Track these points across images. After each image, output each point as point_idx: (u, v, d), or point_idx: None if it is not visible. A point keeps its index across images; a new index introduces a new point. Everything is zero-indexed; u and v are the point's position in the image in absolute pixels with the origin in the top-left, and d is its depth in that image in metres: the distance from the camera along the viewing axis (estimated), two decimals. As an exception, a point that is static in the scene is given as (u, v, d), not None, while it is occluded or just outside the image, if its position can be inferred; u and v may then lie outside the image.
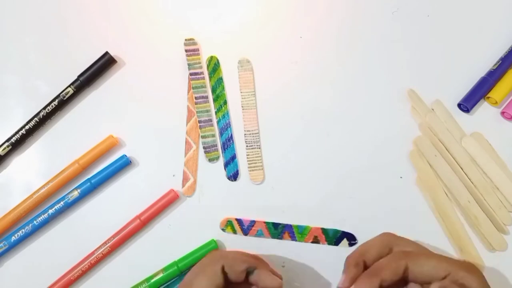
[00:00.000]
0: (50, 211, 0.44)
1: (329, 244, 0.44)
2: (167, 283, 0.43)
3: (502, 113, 0.46)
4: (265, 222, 0.44)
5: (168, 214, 0.45)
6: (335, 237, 0.44)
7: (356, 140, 0.46)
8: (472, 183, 0.44)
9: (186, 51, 0.47)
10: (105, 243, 0.43)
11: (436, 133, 0.45)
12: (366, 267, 0.36)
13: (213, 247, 0.43)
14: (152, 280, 0.42)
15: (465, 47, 0.48)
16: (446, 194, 0.45)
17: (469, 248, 0.43)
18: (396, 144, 0.46)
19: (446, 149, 0.45)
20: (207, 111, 0.46)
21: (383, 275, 0.34)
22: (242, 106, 0.47)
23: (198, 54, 0.47)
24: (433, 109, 0.46)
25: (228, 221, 0.44)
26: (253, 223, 0.44)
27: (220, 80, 0.47)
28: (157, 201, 0.44)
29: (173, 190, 0.44)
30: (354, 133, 0.46)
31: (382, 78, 0.47)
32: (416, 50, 0.48)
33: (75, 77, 0.46)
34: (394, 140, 0.46)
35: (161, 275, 0.42)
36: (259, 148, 0.46)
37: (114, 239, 0.43)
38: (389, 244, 0.37)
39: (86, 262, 0.43)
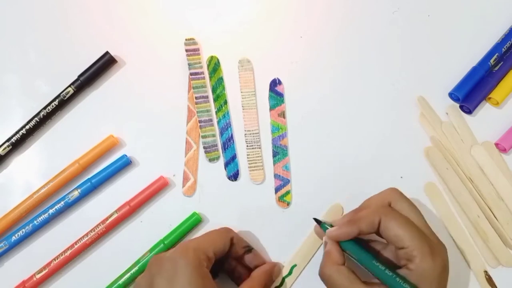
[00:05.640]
0: (51, 211, 0.44)
1: None
2: None
3: (496, 144, 0.45)
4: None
5: (168, 214, 0.45)
6: None
7: (356, 140, 0.46)
8: (482, 196, 0.44)
9: (186, 51, 0.47)
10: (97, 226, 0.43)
11: (448, 144, 0.45)
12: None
13: (196, 218, 0.43)
14: (141, 262, 0.42)
15: (467, 46, 0.48)
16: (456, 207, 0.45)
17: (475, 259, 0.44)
18: (396, 144, 0.46)
19: (457, 162, 0.45)
20: (208, 111, 0.46)
21: (361, 226, 0.37)
22: (242, 106, 0.47)
23: (199, 54, 0.47)
24: (447, 113, 0.46)
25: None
26: None
27: (220, 80, 0.47)
28: (146, 188, 0.44)
29: (163, 177, 0.44)
30: (354, 133, 0.46)
31: (382, 78, 0.47)
32: (416, 50, 0.48)
33: (76, 77, 0.46)
34: (394, 140, 0.46)
35: (148, 255, 0.43)
36: (260, 148, 0.46)
37: (107, 223, 0.44)
38: (389, 199, 0.39)
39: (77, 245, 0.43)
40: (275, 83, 0.47)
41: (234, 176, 0.46)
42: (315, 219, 0.41)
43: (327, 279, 0.37)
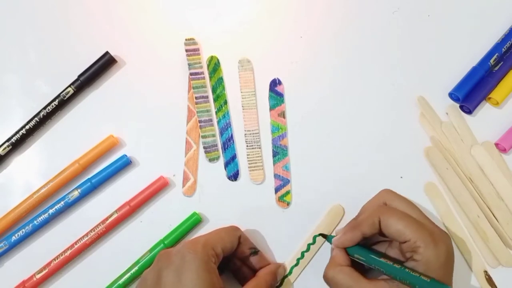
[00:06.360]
0: (51, 211, 0.44)
1: None
2: None
3: (496, 144, 0.45)
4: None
5: (168, 214, 0.45)
6: None
7: (356, 140, 0.46)
8: (482, 196, 0.44)
9: (186, 51, 0.47)
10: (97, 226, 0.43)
11: (448, 144, 0.45)
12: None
13: (196, 218, 0.43)
14: (141, 262, 0.42)
15: (467, 46, 0.48)
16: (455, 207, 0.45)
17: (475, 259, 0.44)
18: (397, 144, 0.46)
19: (457, 162, 0.45)
20: (208, 111, 0.46)
21: (363, 229, 0.38)
22: (242, 106, 0.47)
23: (199, 54, 0.47)
24: (447, 113, 0.46)
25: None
26: None
27: (220, 80, 0.47)
28: (146, 188, 0.44)
29: (163, 177, 0.44)
30: (354, 133, 0.46)
31: (382, 78, 0.47)
32: (416, 50, 0.48)
33: (76, 77, 0.46)
34: (394, 140, 0.46)
35: (148, 255, 0.43)
36: (260, 148, 0.46)
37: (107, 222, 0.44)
38: (384, 200, 0.40)
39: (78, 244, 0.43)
40: (275, 83, 0.47)
41: (234, 176, 0.46)
42: (322, 235, 0.42)
43: (331, 280, 0.38)
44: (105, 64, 0.46)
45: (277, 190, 0.45)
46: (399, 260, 0.38)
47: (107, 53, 0.46)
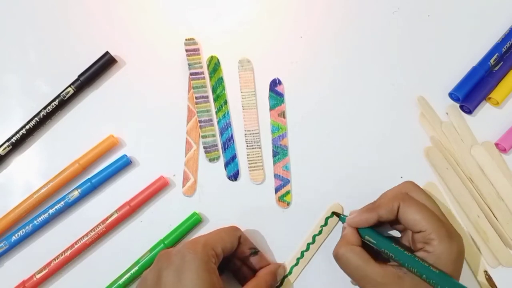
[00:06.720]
0: (51, 211, 0.44)
1: None
2: None
3: (496, 144, 0.45)
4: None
5: (168, 214, 0.45)
6: None
7: (356, 140, 0.46)
8: (482, 196, 0.44)
9: (186, 51, 0.47)
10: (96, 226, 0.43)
11: (448, 144, 0.45)
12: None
13: (196, 218, 0.43)
14: (141, 262, 0.42)
15: (467, 46, 0.48)
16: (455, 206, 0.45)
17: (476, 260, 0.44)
18: (396, 144, 0.46)
19: (457, 162, 0.45)
20: (208, 111, 0.46)
21: (380, 212, 0.38)
22: (242, 106, 0.47)
23: (199, 54, 0.47)
24: (447, 113, 0.46)
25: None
26: None
27: (220, 80, 0.47)
28: (146, 188, 0.44)
29: (163, 177, 0.44)
30: (354, 133, 0.46)
31: (382, 78, 0.47)
32: (416, 50, 0.48)
33: (76, 77, 0.46)
34: (394, 140, 0.46)
35: (148, 255, 0.43)
36: (260, 148, 0.46)
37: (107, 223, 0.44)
38: (406, 190, 0.40)
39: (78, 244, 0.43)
40: (275, 83, 0.47)
41: (234, 176, 0.46)
42: (335, 213, 0.43)
43: (340, 258, 0.38)
44: (105, 64, 0.46)
45: (277, 190, 0.45)
46: (409, 248, 0.38)
47: (107, 53, 0.46)
